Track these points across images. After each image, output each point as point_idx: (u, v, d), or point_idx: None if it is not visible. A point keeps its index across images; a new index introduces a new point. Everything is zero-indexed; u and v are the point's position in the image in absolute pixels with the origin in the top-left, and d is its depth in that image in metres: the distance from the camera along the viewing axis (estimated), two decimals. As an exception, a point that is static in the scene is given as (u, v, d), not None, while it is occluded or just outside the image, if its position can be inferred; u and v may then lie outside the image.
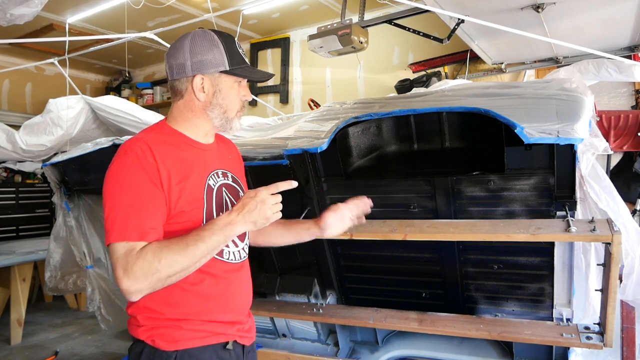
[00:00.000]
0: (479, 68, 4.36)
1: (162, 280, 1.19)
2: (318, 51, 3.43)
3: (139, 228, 1.22)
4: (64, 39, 3.47)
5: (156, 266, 1.17)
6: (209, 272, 1.36)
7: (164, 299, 1.33)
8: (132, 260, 1.17)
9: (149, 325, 1.34)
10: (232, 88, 1.41)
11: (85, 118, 3.92)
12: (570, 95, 1.86)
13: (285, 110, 5.58)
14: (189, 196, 1.34)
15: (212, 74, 1.38)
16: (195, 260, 1.23)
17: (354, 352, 2.81)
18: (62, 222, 3.27)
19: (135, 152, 1.29)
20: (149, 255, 1.18)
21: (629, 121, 3.60)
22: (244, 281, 1.50)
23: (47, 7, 3.23)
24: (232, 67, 1.39)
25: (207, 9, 4.14)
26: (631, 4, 2.70)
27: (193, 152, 1.41)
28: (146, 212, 1.25)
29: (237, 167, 1.59)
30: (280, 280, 2.79)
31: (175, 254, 1.20)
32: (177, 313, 1.34)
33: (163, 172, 1.29)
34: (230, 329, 1.42)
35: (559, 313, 2.23)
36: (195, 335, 1.35)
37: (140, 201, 1.25)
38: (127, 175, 1.27)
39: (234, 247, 1.45)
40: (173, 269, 1.19)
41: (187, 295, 1.34)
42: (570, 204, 1.99)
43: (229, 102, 1.41)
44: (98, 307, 3.28)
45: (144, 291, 1.18)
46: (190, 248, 1.21)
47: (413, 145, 2.61)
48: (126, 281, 1.16)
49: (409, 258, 2.49)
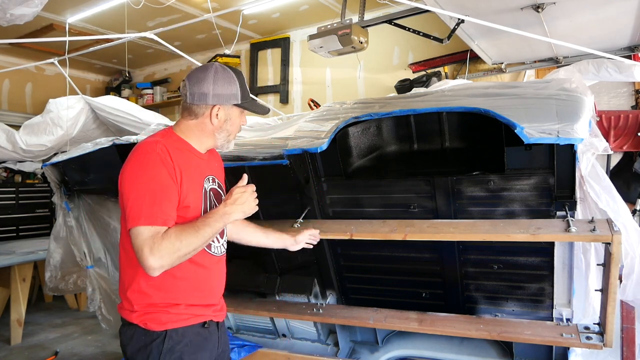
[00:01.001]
0: (479, 68, 4.36)
1: (181, 258, 1.47)
2: (318, 51, 3.43)
3: (163, 215, 1.48)
4: (64, 39, 3.47)
5: (178, 246, 1.44)
6: (198, 263, 1.63)
7: (157, 285, 1.57)
8: (158, 241, 1.43)
9: (143, 311, 1.58)
10: (238, 117, 1.71)
11: (85, 118, 3.93)
12: (570, 95, 1.86)
13: (285, 110, 5.58)
14: (194, 194, 1.62)
15: (226, 105, 1.66)
16: (204, 241, 1.52)
17: (354, 352, 2.81)
18: (62, 222, 3.27)
19: (157, 152, 1.54)
20: (173, 237, 1.45)
21: (629, 121, 3.60)
22: (220, 271, 1.79)
23: (47, 7, 3.24)
24: (242, 100, 1.68)
25: (207, 9, 4.14)
26: (631, 4, 2.70)
27: (194, 159, 1.68)
28: (167, 201, 1.51)
29: (220, 172, 1.87)
30: (280, 280, 2.79)
31: (192, 236, 1.48)
32: (166, 297, 1.59)
33: (177, 170, 1.56)
34: (207, 311, 1.69)
35: (559, 313, 2.23)
36: (180, 317, 1.61)
37: (163, 192, 1.51)
38: (151, 169, 1.51)
39: (217, 242, 1.74)
40: (190, 248, 1.47)
41: (177, 281, 1.59)
42: (570, 204, 1.99)
43: (234, 128, 1.71)
44: (99, 306, 3.28)
45: (166, 267, 1.44)
46: (201, 231, 1.50)
47: (413, 145, 2.61)
48: (152, 259, 1.41)
49: (409, 258, 2.49)
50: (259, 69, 5.98)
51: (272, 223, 2.33)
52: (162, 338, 1.57)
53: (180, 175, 1.56)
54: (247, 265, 2.84)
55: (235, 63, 6.04)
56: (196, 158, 1.69)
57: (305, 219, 2.39)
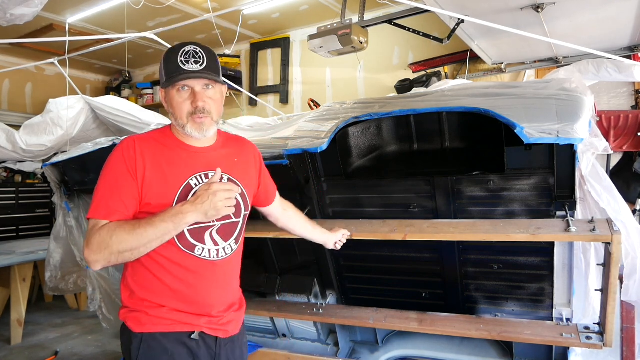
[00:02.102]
0: (479, 68, 4.36)
1: (115, 255, 1.36)
2: (318, 51, 3.43)
3: (106, 208, 1.41)
4: (64, 39, 3.47)
5: (107, 242, 1.35)
6: (178, 264, 1.49)
7: (140, 281, 1.50)
8: (93, 234, 1.37)
9: (127, 308, 1.52)
10: (174, 97, 1.51)
11: (85, 118, 3.92)
12: (570, 95, 1.86)
13: (285, 110, 5.58)
14: (159, 191, 1.46)
15: (163, 89, 1.54)
16: (144, 242, 1.37)
17: (354, 352, 2.81)
18: (62, 222, 3.27)
19: (121, 147, 1.47)
20: (104, 232, 1.37)
21: (629, 121, 3.60)
22: (219, 278, 1.57)
23: (47, 7, 3.24)
24: (166, 78, 1.50)
25: (207, 9, 4.14)
26: (631, 4, 2.70)
27: (182, 154, 1.54)
28: (116, 195, 1.42)
29: (242, 170, 1.65)
30: (280, 280, 2.79)
31: (126, 233, 1.36)
32: (147, 296, 1.49)
33: (140, 164, 1.45)
34: (197, 320, 1.52)
35: (559, 313, 2.23)
36: (160, 322, 1.48)
37: (114, 185, 1.43)
38: (110, 165, 1.47)
39: (212, 245, 1.53)
40: (122, 246, 1.36)
41: (157, 282, 1.49)
42: (570, 204, 1.99)
43: (176, 110, 1.51)
44: (99, 306, 3.28)
45: (100, 262, 1.37)
46: (138, 230, 1.37)
47: (413, 145, 2.61)
48: (86, 250, 1.37)
49: (409, 258, 2.49)
50: (259, 69, 5.98)
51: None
52: (138, 341, 1.48)
53: (144, 169, 1.45)
54: (247, 265, 2.82)
55: (235, 63, 6.05)
56: (185, 152, 1.54)
57: (305, 219, 2.38)
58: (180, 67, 1.47)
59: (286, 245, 2.69)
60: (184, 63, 1.47)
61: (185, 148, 1.54)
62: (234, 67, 6.01)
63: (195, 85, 1.49)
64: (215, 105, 1.54)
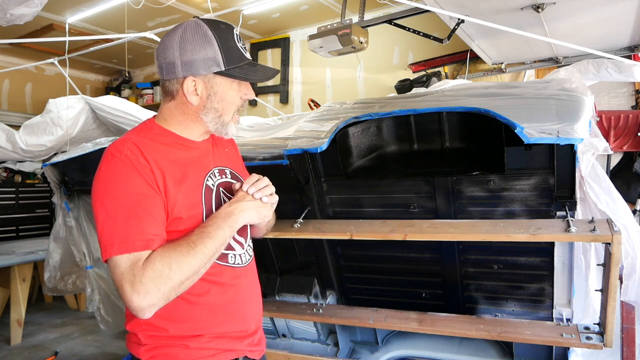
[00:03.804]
0: (479, 68, 4.36)
1: (176, 288, 1.09)
2: (318, 51, 3.43)
3: (142, 236, 1.10)
4: (64, 39, 3.47)
5: (167, 273, 1.07)
6: (214, 281, 1.25)
7: (167, 314, 1.19)
8: (139, 272, 1.06)
9: (152, 345, 1.22)
10: (229, 89, 1.26)
11: (85, 118, 3.92)
12: (570, 95, 1.86)
13: (285, 110, 5.58)
14: (186, 201, 1.22)
15: (205, 76, 1.24)
16: (206, 259, 1.14)
17: (354, 352, 2.81)
18: (62, 222, 3.27)
19: (125, 154, 1.16)
20: (157, 264, 1.07)
21: (629, 121, 3.60)
22: (252, 286, 1.38)
23: (47, 7, 3.24)
24: (228, 67, 1.23)
25: (207, 9, 4.14)
26: (631, 4, 2.70)
27: (187, 152, 1.29)
28: (148, 217, 1.12)
29: (234, 160, 1.48)
30: (280, 280, 2.79)
31: (185, 255, 1.10)
32: (183, 329, 1.22)
33: (157, 173, 1.17)
34: (240, 344, 1.30)
35: (559, 313, 2.23)
36: (203, 354, 1.23)
37: (139, 206, 1.12)
38: (119, 180, 1.14)
39: (240, 248, 1.34)
40: (185, 273, 1.09)
41: (193, 308, 1.23)
42: (570, 204, 1.99)
43: (226, 105, 1.27)
44: (97, 307, 3.28)
45: (158, 305, 1.07)
46: (198, 247, 1.12)
47: (413, 145, 2.60)
48: (136, 297, 1.04)
49: (409, 258, 2.49)
50: (259, 69, 5.98)
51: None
52: None
53: (163, 178, 1.18)
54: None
55: (235, 63, 6.05)
56: (190, 150, 1.30)
57: (306, 219, 2.38)
58: (246, 57, 1.26)
59: (286, 245, 2.69)
60: (245, 51, 1.27)
61: (188, 145, 1.30)
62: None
63: None
64: None
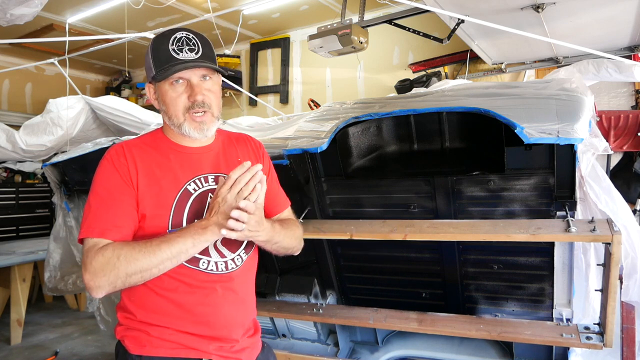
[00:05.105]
0: (479, 68, 4.36)
1: (122, 279, 1.18)
2: (318, 51, 3.43)
3: (101, 225, 1.23)
4: (64, 39, 3.47)
5: (114, 263, 1.17)
6: (182, 280, 1.30)
7: (138, 301, 1.31)
8: (92, 255, 1.19)
9: (125, 326, 1.34)
10: (167, 92, 1.31)
11: (85, 118, 3.93)
12: (570, 95, 1.86)
13: (285, 110, 5.58)
14: (154, 200, 1.29)
15: (151, 82, 1.35)
16: (158, 262, 1.19)
17: (354, 352, 2.81)
18: (62, 222, 3.27)
19: (110, 155, 1.31)
20: (108, 252, 1.19)
21: (629, 121, 3.60)
22: (230, 295, 1.36)
23: (47, 7, 3.24)
24: (156, 70, 1.30)
25: (207, 9, 4.14)
26: (631, 4, 2.70)
27: (178, 156, 1.36)
28: (112, 209, 1.25)
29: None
30: (280, 280, 2.79)
31: (136, 252, 1.19)
32: (149, 317, 1.30)
33: (132, 171, 1.28)
34: (206, 345, 1.31)
35: (559, 313, 2.23)
36: (163, 344, 1.29)
37: (108, 199, 1.26)
38: (101, 175, 1.30)
39: (218, 257, 1.33)
40: (132, 267, 1.18)
41: (160, 300, 1.30)
42: (570, 204, 1.99)
43: (169, 107, 1.32)
44: (97, 307, 3.27)
45: (104, 287, 1.18)
46: (151, 248, 1.19)
47: (413, 145, 2.60)
48: (87, 275, 1.18)
49: (409, 258, 2.49)
50: (259, 69, 5.98)
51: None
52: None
53: (137, 176, 1.28)
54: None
55: (235, 63, 6.05)
56: (181, 155, 1.36)
57: (305, 219, 2.38)
58: (173, 57, 1.28)
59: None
60: (177, 52, 1.28)
61: (179, 150, 1.36)
62: (234, 67, 6.02)
63: (192, 76, 1.30)
64: (215, 98, 1.35)
